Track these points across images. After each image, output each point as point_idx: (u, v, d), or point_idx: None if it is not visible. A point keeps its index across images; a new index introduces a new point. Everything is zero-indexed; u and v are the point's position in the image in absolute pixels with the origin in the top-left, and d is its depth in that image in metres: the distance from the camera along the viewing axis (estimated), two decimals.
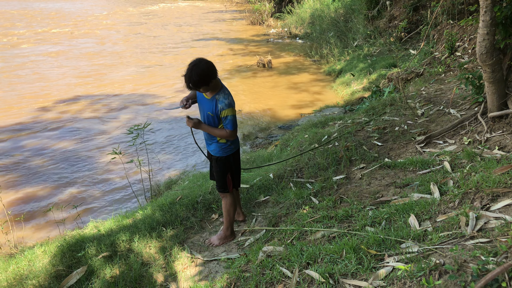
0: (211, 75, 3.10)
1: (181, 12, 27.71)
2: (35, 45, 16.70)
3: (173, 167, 6.87)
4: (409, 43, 10.27)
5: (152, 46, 16.68)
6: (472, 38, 7.17)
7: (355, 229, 2.96)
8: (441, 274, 2.05)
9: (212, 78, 3.12)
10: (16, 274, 3.46)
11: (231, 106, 3.20)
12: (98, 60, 14.27)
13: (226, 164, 3.50)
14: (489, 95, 4.12)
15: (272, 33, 19.00)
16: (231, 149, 3.47)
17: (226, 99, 3.19)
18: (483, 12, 3.74)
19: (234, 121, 3.24)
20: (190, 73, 3.03)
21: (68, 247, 3.67)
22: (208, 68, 3.07)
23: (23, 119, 9.01)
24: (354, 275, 2.41)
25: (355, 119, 5.97)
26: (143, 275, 3.36)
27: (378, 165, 4.16)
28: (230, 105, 3.20)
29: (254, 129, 8.18)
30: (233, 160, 3.54)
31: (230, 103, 3.20)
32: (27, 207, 5.82)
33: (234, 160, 3.55)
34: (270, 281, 2.68)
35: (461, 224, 2.52)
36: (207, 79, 3.08)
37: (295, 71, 12.39)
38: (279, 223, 3.71)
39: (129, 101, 10.14)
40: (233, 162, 3.55)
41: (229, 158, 3.50)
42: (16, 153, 7.48)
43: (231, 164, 3.53)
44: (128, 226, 4.00)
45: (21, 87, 11.24)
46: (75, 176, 6.62)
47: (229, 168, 3.52)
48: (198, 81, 3.05)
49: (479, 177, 3.00)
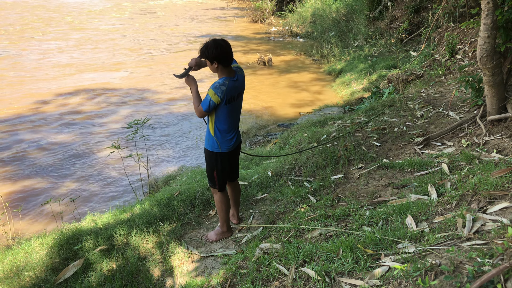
0: (213, 55, 3.14)
1: (182, 8, 27.65)
2: (37, 39, 16.64)
3: (171, 163, 6.87)
4: (409, 44, 10.29)
5: (152, 42, 16.65)
6: (472, 41, 7.19)
7: (352, 228, 2.98)
8: (437, 275, 2.07)
9: (215, 60, 3.16)
10: (12, 266, 3.47)
11: (215, 90, 3.16)
12: (97, 54, 14.24)
13: (211, 159, 3.46)
14: (489, 98, 4.13)
15: (273, 32, 18.97)
16: (216, 147, 3.39)
17: (217, 83, 3.19)
18: (485, 15, 3.75)
19: (208, 104, 3.19)
20: (208, 42, 3.19)
21: (65, 239, 3.68)
22: (214, 47, 3.13)
23: (22, 113, 8.99)
24: (350, 273, 2.43)
25: (355, 119, 5.99)
26: (140, 269, 3.37)
27: (376, 166, 4.17)
28: (216, 88, 3.16)
29: (253, 127, 8.18)
30: (220, 161, 3.44)
31: (216, 87, 3.16)
32: (25, 199, 5.82)
33: (221, 161, 3.44)
34: (266, 278, 2.69)
35: (457, 225, 2.54)
36: (209, 55, 3.16)
37: (295, 70, 12.38)
38: (276, 220, 3.72)
39: (128, 96, 10.13)
40: (220, 163, 3.45)
41: (214, 156, 3.43)
42: (14, 145, 7.48)
43: (217, 163, 3.45)
44: (126, 220, 4.01)
45: (19, 80, 11.21)
46: (73, 170, 6.62)
47: (214, 165, 3.46)
48: (202, 50, 3.20)
49: (476, 179, 3.01)
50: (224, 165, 3.48)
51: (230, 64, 3.25)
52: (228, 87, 3.19)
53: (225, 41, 3.21)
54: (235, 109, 3.36)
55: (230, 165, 3.56)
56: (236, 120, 3.45)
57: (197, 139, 7.73)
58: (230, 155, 3.49)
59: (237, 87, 3.27)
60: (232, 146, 3.44)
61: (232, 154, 3.51)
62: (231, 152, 3.48)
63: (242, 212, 4.07)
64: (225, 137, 3.38)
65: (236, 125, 3.47)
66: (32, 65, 12.68)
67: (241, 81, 3.34)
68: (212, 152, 3.44)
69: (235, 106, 3.34)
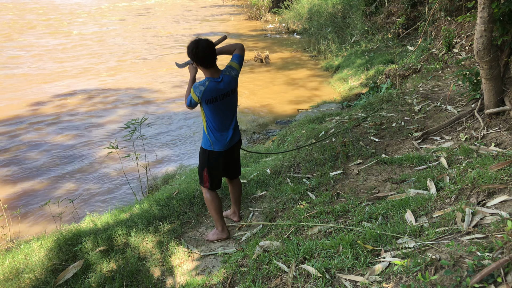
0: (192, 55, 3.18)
1: (177, 5, 27.56)
2: (35, 37, 16.59)
3: (170, 162, 6.86)
4: (406, 39, 10.27)
5: (148, 40, 16.59)
6: (469, 35, 7.18)
7: (351, 224, 2.97)
8: (437, 269, 2.07)
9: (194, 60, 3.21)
10: (12, 268, 3.46)
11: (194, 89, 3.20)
12: (94, 55, 14.19)
13: (203, 156, 3.46)
14: (486, 92, 4.13)
15: (269, 28, 18.93)
16: (209, 145, 3.39)
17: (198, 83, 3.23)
18: (481, 8, 3.74)
19: (190, 100, 3.27)
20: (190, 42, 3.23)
21: (64, 241, 3.67)
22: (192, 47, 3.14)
23: (19, 114, 8.97)
24: (350, 270, 2.43)
25: (352, 115, 5.98)
26: (140, 269, 3.36)
27: (375, 161, 4.17)
28: (195, 87, 3.20)
29: (251, 124, 8.17)
30: (211, 159, 3.43)
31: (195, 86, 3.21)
32: (24, 201, 5.80)
33: (212, 159, 3.43)
34: (266, 276, 2.68)
35: (457, 220, 2.54)
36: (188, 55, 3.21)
37: (292, 67, 12.36)
38: (276, 218, 3.72)
39: (126, 96, 10.11)
40: (211, 161, 3.44)
41: (206, 153, 3.43)
42: (12, 147, 7.45)
43: (209, 161, 3.44)
44: (125, 221, 4.00)
45: (16, 80, 11.17)
46: (71, 171, 6.60)
47: (205, 163, 3.46)
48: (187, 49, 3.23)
49: (475, 173, 3.01)
50: (215, 163, 3.46)
51: (210, 65, 3.19)
52: (208, 88, 3.16)
53: (206, 41, 3.13)
54: (221, 109, 3.29)
55: (224, 164, 3.53)
56: (226, 120, 3.37)
57: (195, 134, 7.72)
58: (223, 155, 3.45)
59: (219, 89, 3.20)
60: (225, 146, 3.40)
61: (226, 154, 3.47)
62: (225, 152, 3.44)
63: (241, 210, 4.07)
64: (217, 136, 3.36)
65: (227, 125, 3.39)
66: (28, 64, 12.64)
67: (227, 82, 3.25)
68: (204, 150, 3.44)
69: (221, 106, 3.27)
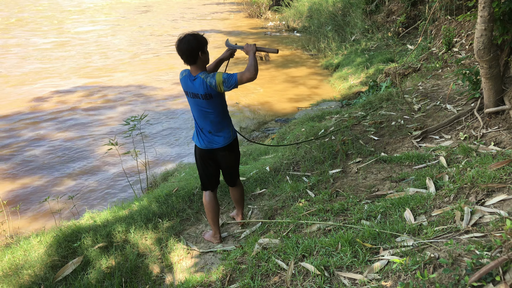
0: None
1: (178, 3, 27.51)
2: (32, 36, 16.54)
3: (169, 159, 6.86)
4: (406, 38, 10.27)
5: (149, 38, 16.56)
6: (469, 34, 7.18)
7: (350, 222, 2.98)
8: (436, 268, 2.07)
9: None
10: (11, 264, 3.46)
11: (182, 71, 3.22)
12: (95, 52, 14.17)
13: (195, 153, 3.44)
14: (486, 91, 4.13)
15: (269, 26, 18.91)
16: (194, 137, 3.37)
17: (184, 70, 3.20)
18: (481, 7, 3.74)
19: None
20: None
21: (64, 237, 3.67)
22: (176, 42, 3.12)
23: (19, 110, 8.95)
24: (349, 268, 2.43)
25: (352, 113, 5.98)
26: (139, 266, 3.37)
27: (374, 159, 4.17)
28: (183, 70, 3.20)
29: (251, 122, 8.16)
30: (196, 154, 3.40)
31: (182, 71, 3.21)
32: (23, 197, 5.80)
33: (196, 154, 3.40)
34: (265, 273, 2.69)
35: (456, 218, 2.54)
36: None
37: (292, 65, 12.35)
38: (275, 215, 3.72)
39: (126, 93, 10.09)
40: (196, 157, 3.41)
41: (196, 150, 3.40)
42: (12, 143, 7.45)
43: (196, 155, 3.42)
44: (124, 217, 4.00)
45: (16, 77, 11.15)
46: (71, 167, 6.60)
47: (197, 160, 3.43)
48: None
49: (474, 172, 3.02)
50: (200, 161, 3.39)
51: (187, 63, 3.10)
52: (182, 78, 3.20)
53: (182, 40, 3.04)
54: (193, 107, 3.20)
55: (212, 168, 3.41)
56: (202, 122, 3.22)
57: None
58: (205, 156, 3.34)
59: (189, 86, 3.12)
60: (202, 144, 3.28)
61: (209, 156, 3.34)
62: (206, 152, 3.32)
63: None
64: (197, 130, 3.29)
65: (205, 127, 3.23)
66: (29, 60, 12.62)
67: (198, 84, 3.06)
68: (195, 146, 3.41)
69: (192, 103, 3.19)
